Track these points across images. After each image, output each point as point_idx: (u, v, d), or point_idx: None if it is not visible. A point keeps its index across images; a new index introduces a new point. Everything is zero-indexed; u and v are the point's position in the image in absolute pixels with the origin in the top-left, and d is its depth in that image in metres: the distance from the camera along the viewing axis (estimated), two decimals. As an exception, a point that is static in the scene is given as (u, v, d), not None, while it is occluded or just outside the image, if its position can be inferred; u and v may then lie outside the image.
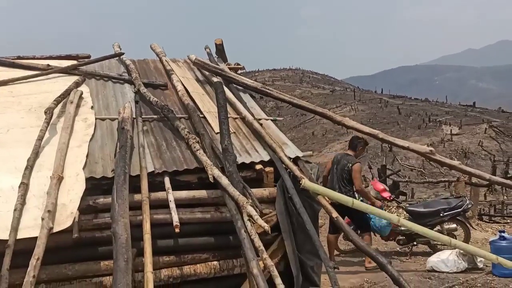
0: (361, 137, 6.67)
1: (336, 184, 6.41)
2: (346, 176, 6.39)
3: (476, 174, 5.47)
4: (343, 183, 6.39)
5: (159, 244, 4.18)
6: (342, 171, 6.43)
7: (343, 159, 6.53)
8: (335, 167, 6.54)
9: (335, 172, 6.49)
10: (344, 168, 6.41)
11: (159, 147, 4.65)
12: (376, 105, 38.96)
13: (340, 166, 6.48)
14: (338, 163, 6.53)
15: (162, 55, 6.65)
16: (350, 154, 6.66)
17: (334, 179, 6.47)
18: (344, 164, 6.45)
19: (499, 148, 26.15)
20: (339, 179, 6.42)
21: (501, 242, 6.07)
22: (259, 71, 65.20)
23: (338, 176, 6.44)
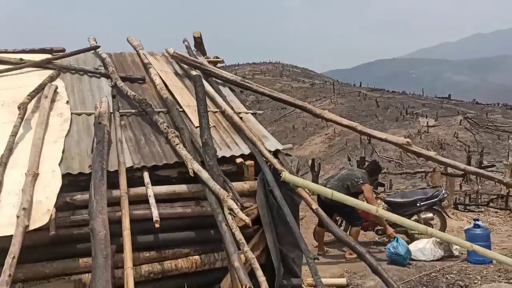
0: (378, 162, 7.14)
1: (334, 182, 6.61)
2: (344, 184, 6.52)
3: (451, 165, 5.59)
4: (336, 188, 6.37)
5: (139, 240, 4.16)
6: (342, 179, 6.60)
7: (350, 173, 6.75)
8: (338, 175, 6.83)
9: (336, 176, 6.76)
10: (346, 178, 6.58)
11: (138, 142, 4.60)
12: (355, 98, 39.42)
13: (346, 174, 6.71)
14: (346, 172, 6.84)
15: (140, 48, 6.55)
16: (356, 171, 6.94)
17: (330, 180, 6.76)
18: (349, 174, 6.67)
19: (473, 139, 26.84)
20: (336, 183, 6.56)
21: (476, 230, 6.24)
22: (239, 65, 65.04)
23: (336, 180, 6.63)
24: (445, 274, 5.72)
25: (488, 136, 27.71)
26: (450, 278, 5.59)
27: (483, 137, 27.47)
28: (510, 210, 10.09)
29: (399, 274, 5.62)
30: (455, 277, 5.61)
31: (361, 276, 5.55)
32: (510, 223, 9.12)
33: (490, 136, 27.81)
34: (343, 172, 6.81)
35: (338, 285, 5.35)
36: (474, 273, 5.66)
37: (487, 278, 5.50)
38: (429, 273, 5.69)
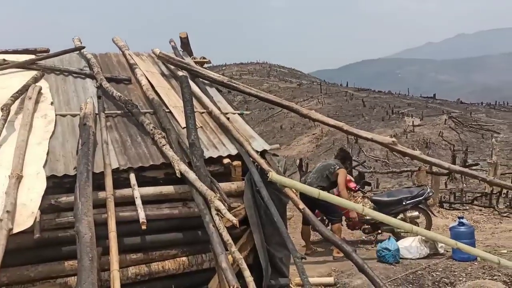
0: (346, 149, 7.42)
1: (313, 178, 6.80)
2: (324, 173, 6.78)
3: (436, 164, 5.67)
4: (317, 179, 6.77)
5: (126, 242, 4.14)
6: (322, 169, 6.85)
7: (327, 163, 7.05)
8: (316, 166, 7.10)
9: (315, 169, 6.99)
10: (325, 168, 6.84)
11: (124, 143, 4.56)
12: (342, 98, 39.62)
13: (321, 167, 6.96)
14: (322, 164, 7.09)
15: (125, 49, 6.50)
16: (333, 160, 7.17)
17: (309, 174, 6.97)
18: (326, 164, 6.95)
19: (458, 138, 27.20)
20: (316, 174, 6.82)
21: (460, 228, 6.33)
22: (226, 65, 64.88)
23: (316, 173, 6.86)
24: (431, 271, 5.79)
25: (472, 135, 28.11)
26: (436, 275, 5.66)
27: (468, 136, 27.86)
28: (494, 208, 10.26)
29: (385, 273, 5.68)
30: (440, 274, 5.69)
31: (348, 275, 5.59)
32: (494, 220, 9.28)
33: (474, 135, 28.21)
34: (319, 165, 7.03)
35: (325, 284, 5.38)
36: (459, 270, 5.75)
37: (472, 275, 5.59)
38: (415, 271, 5.76)
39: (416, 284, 5.39)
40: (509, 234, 7.81)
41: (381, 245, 6.27)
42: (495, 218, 9.52)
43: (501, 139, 26.77)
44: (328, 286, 5.36)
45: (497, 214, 9.74)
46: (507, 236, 7.70)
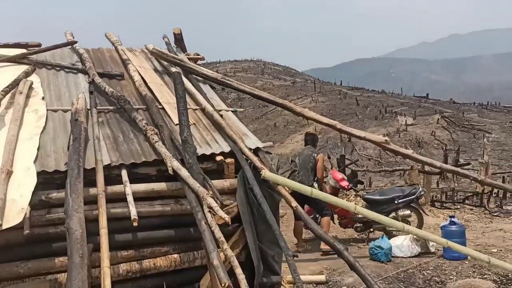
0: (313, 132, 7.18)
1: (301, 171, 6.79)
2: (310, 165, 6.80)
3: (428, 163, 5.70)
4: (306, 170, 6.80)
5: (117, 239, 4.11)
6: (306, 160, 6.84)
7: (306, 151, 6.99)
8: (297, 159, 6.93)
9: (298, 162, 6.87)
10: (309, 158, 6.85)
11: (116, 139, 4.53)
12: (336, 97, 39.68)
13: (303, 156, 6.90)
14: (300, 155, 6.97)
15: (118, 44, 6.45)
16: (309, 147, 7.13)
17: (297, 168, 6.84)
18: (309, 154, 6.90)
19: (450, 137, 27.38)
20: (303, 167, 6.81)
21: (451, 227, 6.38)
22: (220, 62, 64.68)
23: (302, 165, 6.82)
24: (422, 270, 5.83)
25: (464, 135, 28.30)
26: (427, 274, 5.70)
27: (460, 135, 28.04)
28: (485, 207, 10.34)
29: (377, 271, 5.70)
30: (431, 273, 5.73)
31: (340, 273, 5.61)
32: (485, 220, 9.35)
33: (466, 134, 28.41)
34: (299, 161, 6.92)
35: (317, 282, 5.40)
36: (450, 269, 5.79)
37: (462, 273, 5.63)
38: (406, 269, 5.79)
39: (407, 283, 5.42)
40: (499, 234, 7.87)
41: (374, 243, 6.30)
42: (486, 217, 9.59)
43: (493, 139, 27.00)
44: (320, 284, 5.38)
45: (488, 214, 9.82)
46: (497, 235, 7.76)
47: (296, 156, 7.05)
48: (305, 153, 6.99)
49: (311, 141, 7.22)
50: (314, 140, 7.26)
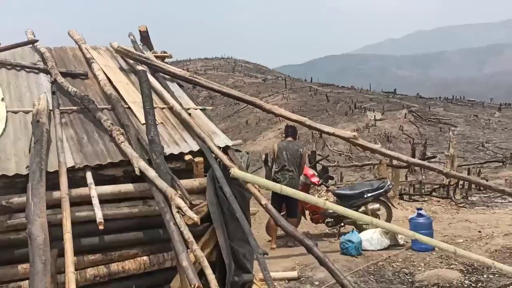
0: (293, 125, 7.05)
1: (291, 167, 6.75)
2: (297, 160, 6.80)
3: (395, 157, 5.81)
4: (295, 166, 6.80)
5: (83, 243, 4.02)
6: (295, 155, 6.80)
7: (293, 146, 6.92)
8: (284, 153, 6.83)
9: (286, 157, 6.78)
10: (297, 153, 6.83)
11: (80, 141, 4.40)
12: (307, 93, 40.08)
13: (291, 151, 6.83)
14: (287, 149, 6.85)
15: (82, 43, 6.26)
16: (293, 141, 7.07)
17: (285, 164, 6.76)
18: (296, 149, 6.88)
19: (417, 131, 28.12)
20: (293, 163, 6.77)
21: (419, 219, 6.54)
22: (190, 60, 64.14)
23: (291, 161, 6.77)
24: (391, 262, 5.95)
25: (431, 129, 29.13)
26: (396, 266, 5.82)
27: (426, 129, 28.83)
28: (451, 199, 10.66)
29: (347, 265, 5.79)
30: (400, 265, 5.85)
31: (312, 268, 5.65)
32: (451, 211, 9.65)
33: (432, 128, 29.24)
34: (288, 156, 6.78)
35: (289, 278, 5.42)
36: (418, 261, 5.93)
37: (430, 264, 5.78)
38: (376, 262, 5.90)
39: (377, 275, 5.52)
40: (465, 224, 8.13)
41: (345, 238, 6.39)
42: (452, 208, 9.90)
43: (458, 132, 27.89)
44: (292, 280, 5.41)
45: (454, 205, 10.14)
46: (463, 226, 8.01)
47: (282, 150, 6.82)
48: (292, 147, 6.86)
49: (292, 134, 7.09)
50: (295, 133, 7.16)
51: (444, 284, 5.11)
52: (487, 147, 25.02)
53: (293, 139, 7.10)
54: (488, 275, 5.29)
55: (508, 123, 31.45)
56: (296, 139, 7.19)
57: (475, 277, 5.28)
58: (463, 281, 5.16)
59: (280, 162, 6.79)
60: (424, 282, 5.22)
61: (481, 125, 30.60)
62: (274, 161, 6.91)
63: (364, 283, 5.25)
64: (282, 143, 7.03)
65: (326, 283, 5.11)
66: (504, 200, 10.19)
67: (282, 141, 7.28)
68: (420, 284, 5.20)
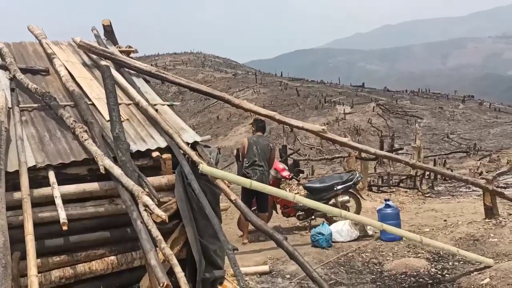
0: (262, 119, 7.00)
1: (261, 162, 6.72)
2: (267, 155, 6.79)
3: (363, 149, 5.89)
4: (266, 161, 6.80)
5: (47, 244, 3.89)
6: (265, 150, 6.79)
7: (262, 140, 6.90)
8: (254, 147, 6.78)
9: (257, 152, 6.75)
10: (268, 147, 6.83)
11: (41, 139, 4.24)
12: (277, 88, 40.19)
13: (261, 146, 6.80)
14: (257, 144, 6.81)
15: (42, 38, 6.03)
16: (263, 136, 7.06)
17: (256, 159, 6.72)
18: (266, 144, 6.87)
19: (385, 124, 28.72)
20: (263, 158, 6.76)
21: (387, 209, 6.69)
22: (159, 55, 63.15)
23: (261, 156, 6.75)
24: (361, 253, 6.06)
25: (398, 121, 29.81)
26: (365, 256, 5.94)
27: (394, 122, 29.49)
28: (418, 189, 10.94)
29: (318, 257, 5.85)
30: (369, 255, 5.97)
31: (283, 261, 5.69)
32: (418, 201, 9.91)
33: (400, 121, 29.93)
34: (258, 151, 6.74)
35: (261, 273, 5.43)
36: (387, 250, 6.07)
37: (398, 254, 5.92)
38: (346, 253, 6.00)
39: (347, 266, 5.61)
40: (431, 214, 8.37)
41: (315, 230, 6.46)
42: (419, 198, 10.16)
43: (424, 124, 28.68)
44: (263, 274, 5.42)
45: (421, 195, 10.41)
46: (429, 215, 8.25)
47: (252, 145, 6.76)
48: (262, 142, 6.84)
49: (261, 128, 7.06)
50: (264, 127, 7.15)
51: (412, 272, 5.24)
52: (452, 138, 25.85)
53: (262, 134, 7.08)
54: (454, 263, 5.47)
55: (471, 114, 32.60)
56: (265, 133, 7.18)
57: (441, 265, 5.44)
58: (429, 269, 5.32)
59: (250, 157, 6.75)
60: (392, 271, 5.34)
61: (446, 117, 31.57)
62: (244, 156, 6.88)
63: (335, 275, 5.32)
64: (252, 137, 6.99)
65: (297, 276, 5.15)
66: (468, 189, 10.54)
67: (251, 135, 7.23)
68: (389, 273, 5.32)
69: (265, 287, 5.11)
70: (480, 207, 7.24)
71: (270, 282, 5.21)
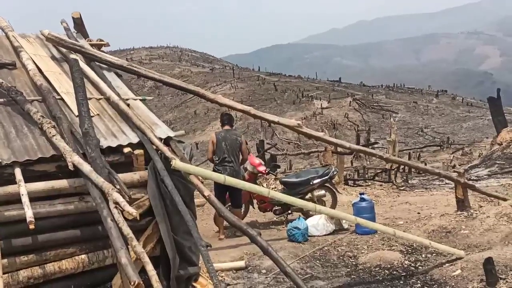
0: (229, 113, 7.01)
1: (231, 158, 6.59)
2: (237, 150, 6.66)
3: (338, 144, 5.93)
4: (236, 157, 6.66)
5: (14, 244, 3.79)
6: (234, 145, 6.64)
7: (231, 135, 6.73)
8: (223, 144, 6.63)
9: (225, 148, 6.61)
10: (236, 142, 6.66)
11: (7, 135, 4.10)
12: (254, 83, 40.12)
13: (230, 141, 6.64)
14: (226, 140, 6.65)
15: (9, 30, 5.81)
16: (231, 129, 6.90)
17: (225, 155, 6.59)
18: (234, 138, 6.70)
19: (362, 118, 29.10)
20: (233, 154, 6.62)
21: (361, 203, 6.75)
22: (134, 49, 62.07)
23: (231, 151, 6.61)
24: (336, 246, 6.10)
25: (374, 116, 30.25)
26: (341, 250, 5.97)
27: (370, 116, 29.91)
28: (393, 182, 11.10)
29: (294, 251, 5.86)
30: (345, 248, 6.01)
31: (259, 256, 5.66)
32: (393, 194, 10.04)
33: (375, 115, 30.38)
34: (227, 147, 6.61)
35: (237, 268, 5.40)
36: (361, 244, 6.12)
37: (373, 247, 5.98)
38: (322, 247, 6.02)
39: (323, 260, 5.63)
40: (405, 206, 8.49)
41: (292, 225, 6.47)
42: (393, 192, 10.30)
43: (399, 118, 29.19)
44: (239, 269, 5.39)
45: (396, 188, 10.55)
46: (403, 208, 8.37)
47: (221, 141, 6.61)
48: (230, 137, 6.67)
49: (228, 122, 6.90)
50: (231, 120, 6.97)
51: (386, 265, 5.31)
52: (426, 132, 26.40)
53: (230, 127, 6.90)
54: (426, 255, 5.56)
55: (444, 108, 33.35)
56: (233, 127, 7.01)
57: (414, 257, 5.53)
58: (403, 261, 5.39)
59: (219, 154, 6.59)
60: (367, 264, 5.39)
61: (420, 111, 32.21)
62: (213, 153, 6.73)
63: (310, 269, 5.34)
64: (220, 133, 6.79)
65: (273, 271, 5.14)
66: (441, 182, 10.74)
67: (219, 130, 7.12)
68: (363, 266, 5.37)
69: (241, 282, 5.08)
70: (452, 199, 7.38)
71: (246, 278, 5.18)
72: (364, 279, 5.03)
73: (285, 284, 4.88)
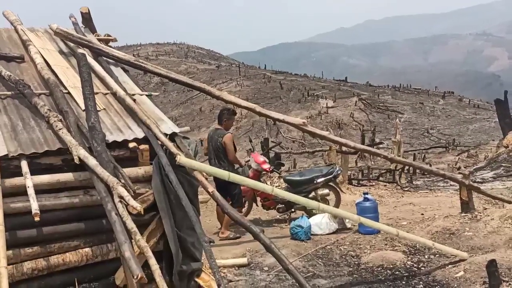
0: (228, 108, 6.80)
1: (215, 160, 6.51)
2: (221, 151, 6.50)
3: (343, 143, 5.91)
4: (220, 159, 6.50)
5: (19, 235, 3.80)
6: (216, 147, 6.52)
7: (214, 135, 6.62)
8: (210, 145, 6.59)
9: (211, 149, 6.57)
10: (217, 144, 6.51)
11: (14, 128, 4.12)
12: (260, 81, 40.12)
13: (213, 142, 6.56)
14: (211, 141, 6.59)
15: (18, 24, 5.85)
16: (220, 128, 6.74)
17: (212, 157, 6.56)
18: (216, 139, 6.54)
19: (367, 118, 29.03)
20: (217, 155, 6.52)
21: (365, 203, 6.75)
22: (141, 45, 62.27)
23: (214, 153, 6.54)
24: (339, 245, 6.10)
25: (380, 116, 30.16)
26: (343, 249, 5.98)
27: (375, 116, 29.82)
28: (397, 183, 11.07)
29: (297, 249, 5.87)
30: (347, 248, 6.02)
31: (262, 254, 5.69)
32: (397, 195, 10.02)
33: (381, 115, 30.29)
34: (211, 148, 6.55)
35: (239, 265, 5.43)
36: (364, 243, 6.12)
37: (375, 247, 5.98)
38: (324, 246, 6.03)
39: (325, 259, 5.64)
40: (409, 207, 8.47)
41: (295, 223, 6.48)
42: (397, 192, 10.28)
43: (405, 119, 29.09)
44: (242, 266, 5.42)
45: (400, 189, 10.52)
46: (407, 209, 8.35)
47: (208, 142, 6.57)
48: (214, 137, 6.54)
49: (218, 119, 6.77)
50: (220, 117, 6.71)
51: (388, 265, 5.31)
52: (431, 133, 26.28)
53: (220, 126, 6.70)
54: (429, 256, 5.55)
55: (451, 110, 33.20)
56: (223, 124, 6.66)
57: (417, 258, 5.52)
58: (406, 262, 5.39)
59: (209, 154, 6.55)
60: (369, 264, 5.39)
61: (426, 112, 32.07)
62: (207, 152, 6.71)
63: (312, 267, 5.35)
64: (210, 132, 6.72)
65: (275, 268, 5.16)
66: (446, 183, 10.70)
67: (211, 129, 7.05)
68: (366, 265, 5.37)
69: (243, 279, 5.10)
70: (456, 201, 7.35)
71: (248, 275, 5.21)
72: (366, 278, 5.04)
73: (287, 282, 4.89)
